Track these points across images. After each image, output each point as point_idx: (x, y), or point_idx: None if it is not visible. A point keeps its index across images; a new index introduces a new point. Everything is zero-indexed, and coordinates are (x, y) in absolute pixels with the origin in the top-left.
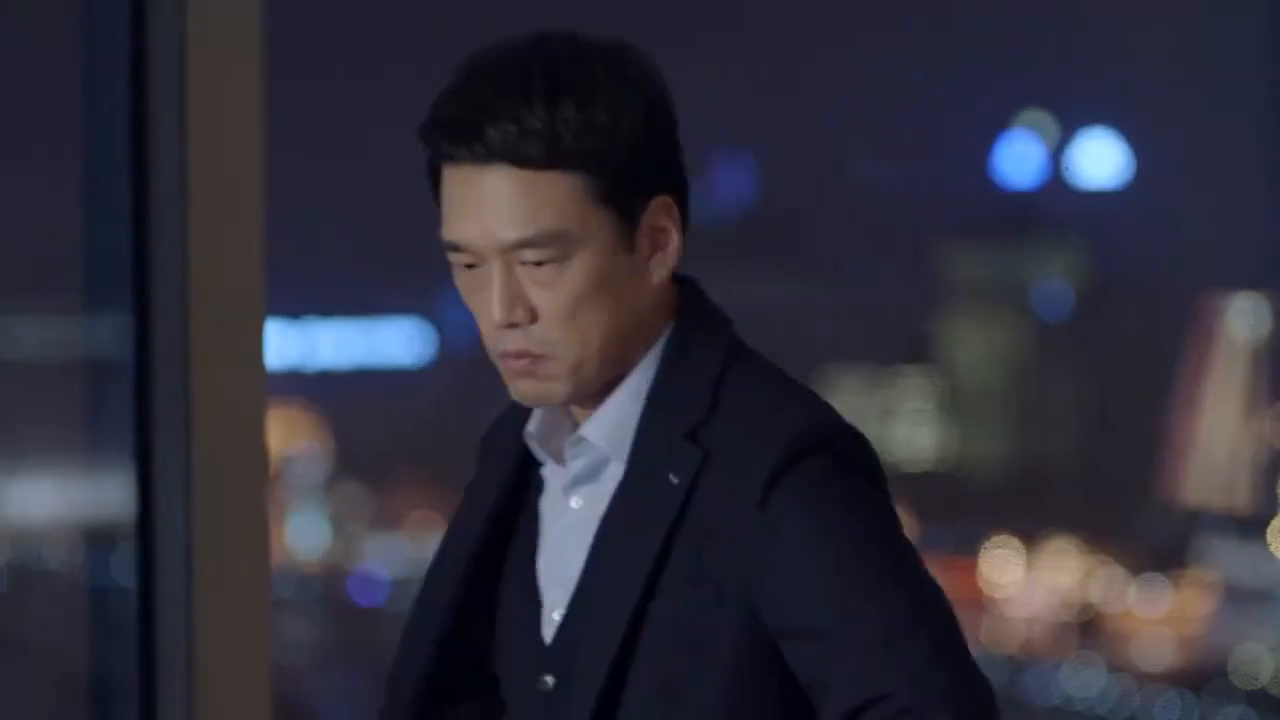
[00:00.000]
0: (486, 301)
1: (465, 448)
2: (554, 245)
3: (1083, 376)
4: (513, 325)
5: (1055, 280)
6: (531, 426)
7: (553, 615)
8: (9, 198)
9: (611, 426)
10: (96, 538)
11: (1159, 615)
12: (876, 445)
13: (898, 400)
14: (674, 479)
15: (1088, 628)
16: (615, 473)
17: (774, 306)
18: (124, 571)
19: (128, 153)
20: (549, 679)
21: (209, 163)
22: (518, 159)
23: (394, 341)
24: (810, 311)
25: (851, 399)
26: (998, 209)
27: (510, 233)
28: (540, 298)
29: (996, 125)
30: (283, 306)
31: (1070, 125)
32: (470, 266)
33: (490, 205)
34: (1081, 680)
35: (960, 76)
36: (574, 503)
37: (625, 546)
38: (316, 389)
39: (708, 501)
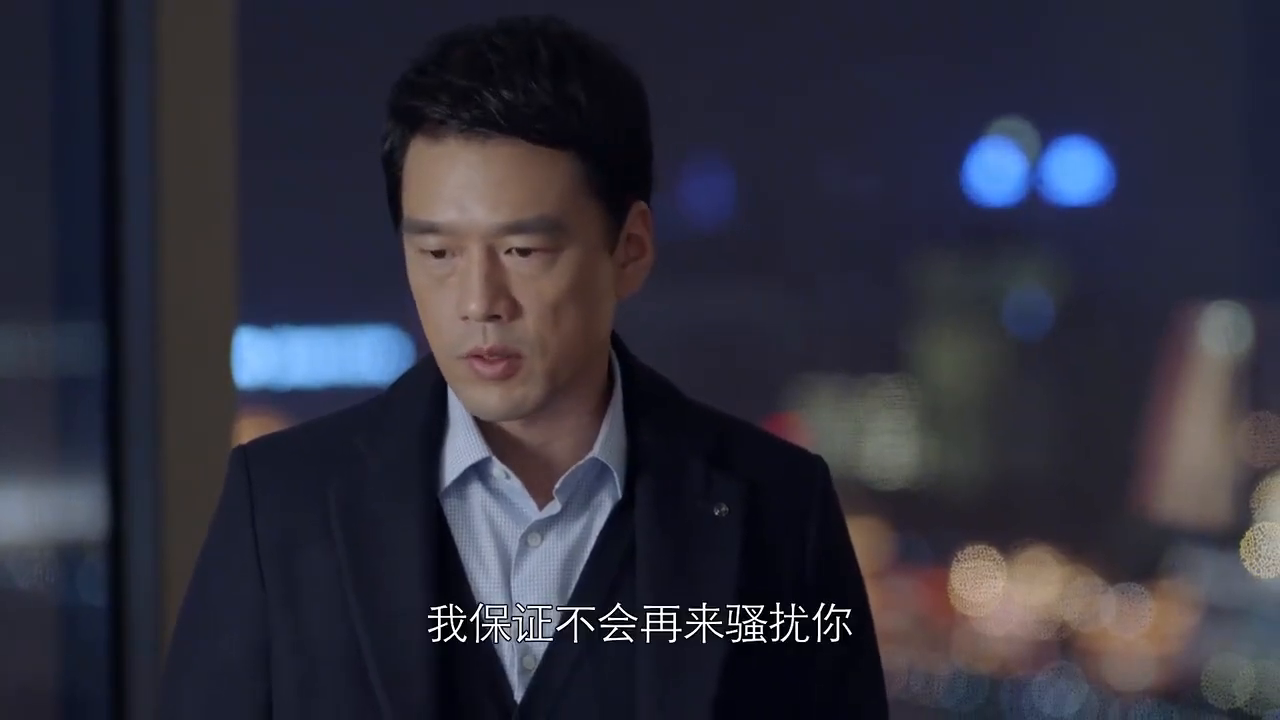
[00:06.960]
0: (457, 293)
1: None
2: (548, 233)
3: (1060, 389)
4: (492, 319)
5: (1033, 292)
6: (480, 452)
7: (515, 668)
8: None
9: (614, 449)
10: (66, 554)
11: (1137, 632)
12: (851, 456)
13: (872, 412)
14: (719, 511)
15: (1065, 646)
16: (600, 503)
17: (748, 318)
18: (93, 589)
19: (98, 162)
20: None
21: (180, 172)
22: (526, 132)
23: (368, 354)
24: (784, 323)
25: (825, 410)
26: (975, 220)
27: (504, 215)
28: (524, 291)
29: (972, 135)
30: (255, 316)
31: (1048, 135)
32: (437, 254)
33: (482, 183)
34: (1058, 695)
35: (936, 85)
36: (543, 540)
37: (694, 588)
38: (290, 404)
39: (754, 531)
